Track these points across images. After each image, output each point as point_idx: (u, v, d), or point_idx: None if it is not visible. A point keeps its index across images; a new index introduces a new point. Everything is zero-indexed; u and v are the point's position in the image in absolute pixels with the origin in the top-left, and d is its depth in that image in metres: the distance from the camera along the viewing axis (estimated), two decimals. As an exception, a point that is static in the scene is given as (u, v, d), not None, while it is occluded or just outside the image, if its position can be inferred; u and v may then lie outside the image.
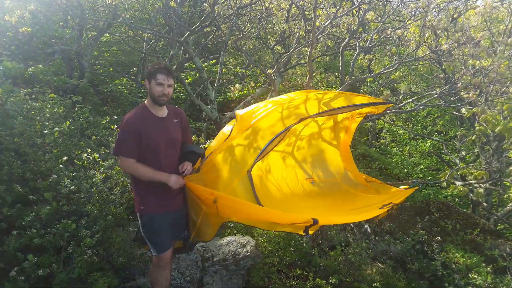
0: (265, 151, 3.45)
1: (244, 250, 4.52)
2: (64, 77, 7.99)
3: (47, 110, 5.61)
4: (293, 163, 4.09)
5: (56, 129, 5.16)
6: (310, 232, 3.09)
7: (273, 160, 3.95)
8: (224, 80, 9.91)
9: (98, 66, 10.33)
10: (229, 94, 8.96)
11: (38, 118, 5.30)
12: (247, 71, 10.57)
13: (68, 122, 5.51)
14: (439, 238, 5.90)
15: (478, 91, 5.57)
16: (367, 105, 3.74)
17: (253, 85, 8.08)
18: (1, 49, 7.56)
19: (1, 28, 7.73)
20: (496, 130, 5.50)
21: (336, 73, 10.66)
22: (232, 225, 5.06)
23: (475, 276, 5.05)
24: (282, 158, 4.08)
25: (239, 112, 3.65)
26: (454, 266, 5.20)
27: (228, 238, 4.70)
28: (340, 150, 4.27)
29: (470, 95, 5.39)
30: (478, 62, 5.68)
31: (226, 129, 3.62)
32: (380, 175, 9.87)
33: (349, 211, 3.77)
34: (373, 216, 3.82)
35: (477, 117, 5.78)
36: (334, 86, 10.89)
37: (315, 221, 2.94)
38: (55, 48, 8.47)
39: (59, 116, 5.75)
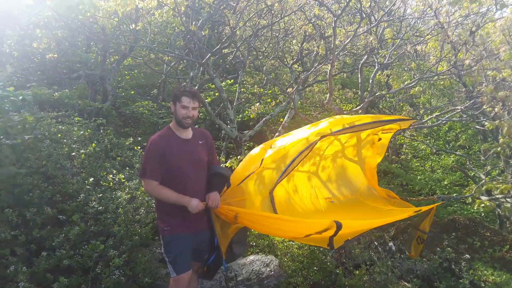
0: (287, 170, 3.44)
1: (268, 269, 4.49)
2: (88, 100, 8.23)
3: (74, 133, 5.78)
4: (319, 183, 4.06)
5: (83, 151, 5.30)
6: (335, 246, 3.05)
7: (299, 181, 3.91)
8: (243, 99, 10.01)
9: (120, 90, 10.58)
10: (248, 112, 9.05)
11: (65, 141, 5.46)
12: (268, 90, 10.64)
13: (93, 144, 5.66)
14: (467, 255, 5.74)
15: (501, 104, 5.48)
16: (391, 121, 3.73)
17: (273, 104, 8.14)
18: (28, 75, 7.87)
19: (28, 55, 8.07)
20: (521, 142, 5.40)
21: (354, 89, 10.64)
22: (254, 243, 5.05)
23: (506, 295, 4.91)
24: (308, 178, 4.05)
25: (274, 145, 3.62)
26: (483, 285, 5.05)
27: (251, 257, 4.67)
28: (365, 167, 4.22)
29: (496, 109, 5.31)
30: (498, 74, 5.61)
31: (254, 151, 3.58)
32: (403, 192, 9.70)
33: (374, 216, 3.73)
34: (400, 218, 3.74)
35: (500, 130, 5.67)
36: (353, 102, 10.85)
37: (338, 225, 2.84)
38: (79, 73, 8.77)
39: (85, 138, 5.92)
